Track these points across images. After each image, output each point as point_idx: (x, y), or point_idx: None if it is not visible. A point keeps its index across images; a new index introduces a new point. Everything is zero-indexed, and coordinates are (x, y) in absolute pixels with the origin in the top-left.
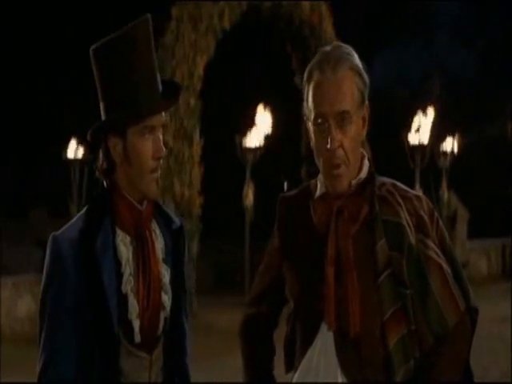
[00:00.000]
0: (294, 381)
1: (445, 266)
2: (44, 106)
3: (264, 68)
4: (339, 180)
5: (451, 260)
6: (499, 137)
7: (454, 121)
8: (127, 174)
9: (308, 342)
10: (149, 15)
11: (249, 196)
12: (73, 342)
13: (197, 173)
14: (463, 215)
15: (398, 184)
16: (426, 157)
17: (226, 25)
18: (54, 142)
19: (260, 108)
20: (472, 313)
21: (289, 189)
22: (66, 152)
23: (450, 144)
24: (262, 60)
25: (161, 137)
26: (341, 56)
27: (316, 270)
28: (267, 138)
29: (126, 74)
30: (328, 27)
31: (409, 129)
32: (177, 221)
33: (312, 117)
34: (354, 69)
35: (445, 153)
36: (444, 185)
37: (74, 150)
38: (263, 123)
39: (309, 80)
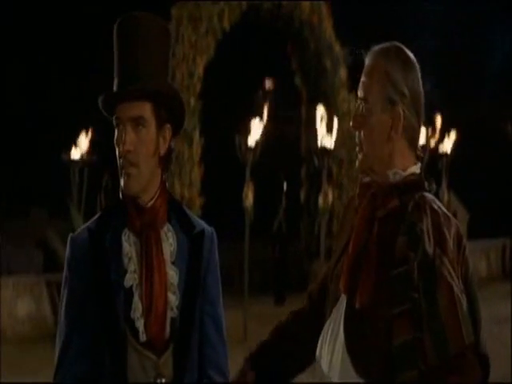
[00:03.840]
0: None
1: (456, 289)
2: (44, 107)
3: (264, 68)
4: (358, 160)
5: (470, 296)
6: (500, 136)
7: (452, 119)
8: None
9: (331, 309)
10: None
11: (249, 196)
12: (84, 339)
13: (196, 173)
14: (463, 216)
15: (438, 201)
16: (426, 157)
17: (226, 25)
18: (54, 143)
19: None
20: (482, 359)
21: (288, 189)
22: (66, 152)
23: (449, 144)
24: (262, 60)
25: (125, 133)
26: (379, 58)
27: (348, 245)
28: (267, 137)
29: (115, 61)
30: (328, 28)
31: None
32: (198, 226)
33: None
34: (386, 73)
35: (445, 153)
36: (444, 185)
37: (74, 151)
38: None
39: None
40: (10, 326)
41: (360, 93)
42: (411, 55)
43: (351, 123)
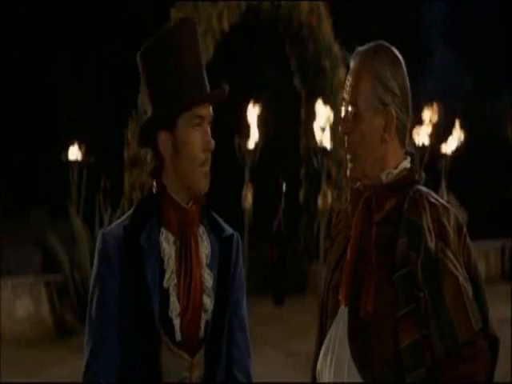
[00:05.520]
0: (319, 361)
1: (462, 279)
2: (44, 107)
3: (263, 69)
4: (349, 168)
5: (475, 281)
6: (499, 137)
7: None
8: (177, 170)
9: (331, 320)
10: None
11: (248, 197)
12: (116, 338)
13: None
14: (462, 217)
15: (433, 193)
16: (426, 158)
17: (225, 26)
18: (53, 143)
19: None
20: (491, 340)
21: (287, 190)
22: (65, 153)
23: (450, 144)
24: (261, 61)
25: (209, 131)
26: (367, 58)
27: (344, 253)
28: (266, 138)
29: (173, 69)
30: (327, 28)
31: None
32: (227, 230)
33: None
34: (376, 73)
35: (444, 154)
36: (443, 187)
37: (74, 152)
38: (254, 122)
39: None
40: (8, 326)
41: (348, 96)
42: (397, 52)
43: (341, 128)
